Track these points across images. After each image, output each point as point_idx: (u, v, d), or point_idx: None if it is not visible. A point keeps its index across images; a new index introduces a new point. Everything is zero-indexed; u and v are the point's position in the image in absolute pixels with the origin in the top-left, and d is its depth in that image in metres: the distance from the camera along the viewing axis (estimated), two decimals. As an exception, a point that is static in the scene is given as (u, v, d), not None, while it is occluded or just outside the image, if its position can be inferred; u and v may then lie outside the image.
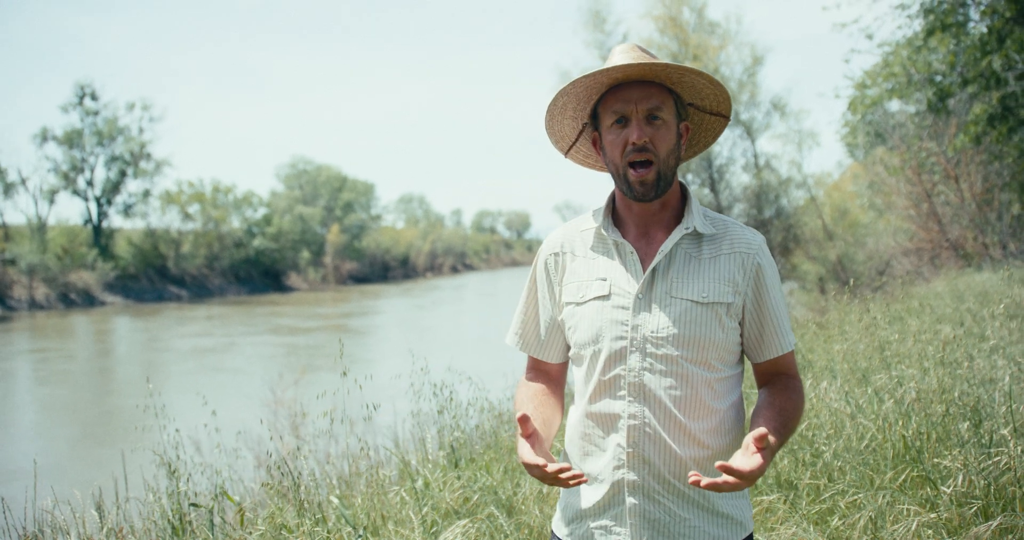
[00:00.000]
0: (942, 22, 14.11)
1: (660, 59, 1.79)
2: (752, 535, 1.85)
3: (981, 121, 13.89)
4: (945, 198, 15.57)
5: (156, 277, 44.25)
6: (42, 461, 4.09)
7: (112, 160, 45.15)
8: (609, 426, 1.80)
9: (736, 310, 1.80)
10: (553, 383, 1.99)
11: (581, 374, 1.88)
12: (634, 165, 1.78)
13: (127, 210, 46.05)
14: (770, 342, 1.83)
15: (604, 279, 1.83)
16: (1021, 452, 3.25)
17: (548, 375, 2.00)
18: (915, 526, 3.13)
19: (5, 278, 36.65)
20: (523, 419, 1.65)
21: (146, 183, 46.44)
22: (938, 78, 15.40)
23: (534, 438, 1.68)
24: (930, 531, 3.14)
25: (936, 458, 3.52)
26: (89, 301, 38.82)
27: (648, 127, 1.78)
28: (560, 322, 1.92)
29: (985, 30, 13.85)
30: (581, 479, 1.61)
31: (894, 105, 20.10)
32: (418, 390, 5.13)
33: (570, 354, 1.93)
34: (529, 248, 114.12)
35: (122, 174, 45.38)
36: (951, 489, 3.25)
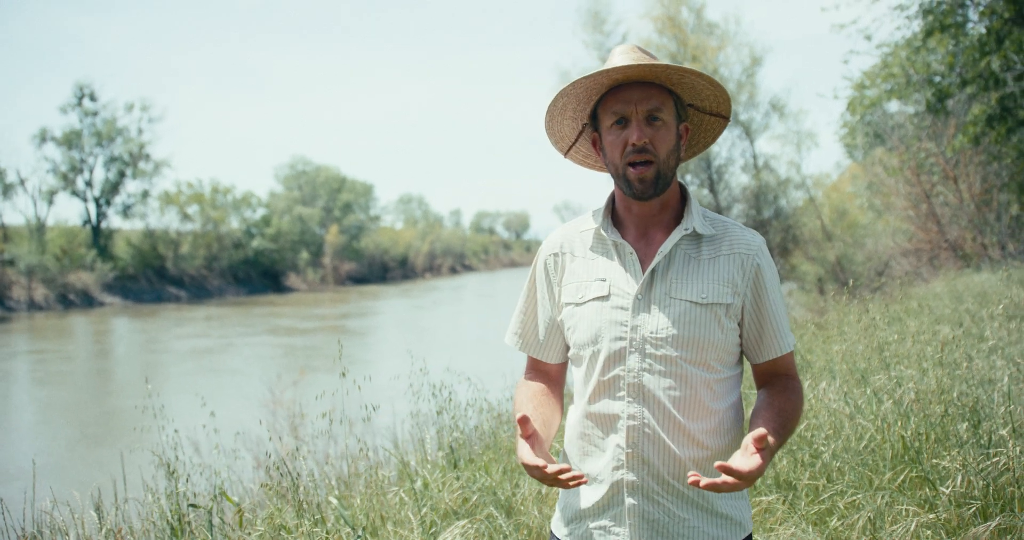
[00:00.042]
0: (941, 23, 14.11)
1: (659, 60, 1.79)
2: (751, 535, 1.85)
3: (980, 122, 13.90)
4: (944, 199, 15.59)
5: (155, 278, 44.23)
6: (41, 462, 4.09)
7: (111, 161, 45.13)
8: (608, 426, 1.80)
9: (735, 311, 1.80)
10: (552, 383, 1.99)
11: (580, 374, 1.88)
12: (634, 164, 1.79)
13: (126, 211, 46.03)
14: (769, 343, 1.84)
15: (603, 280, 1.83)
16: (1020, 453, 3.26)
17: (547, 375, 2.00)
18: (914, 527, 3.13)
19: (4, 279, 36.62)
20: (523, 420, 1.65)
21: (145, 184, 46.47)
22: (937, 79, 15.40)
23: (534, 439, 1.68)
24: (929, 532, 3.14)
25: (935, 459, 3.52)
26: (88, 302, 38.80)
27: (648, 128, 1.78)
28: (559, 322, 1.92)
29: (984, 31, 13.85)
30: (581, 480, 1.62)
31: (893, 106, 20.12)
32: (417, 391, 5.14)
33: (569, 354, 1.93)
34: (528, 249, 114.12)
35: (121, 175, 45.35)
36: (950, 490, 3.25)
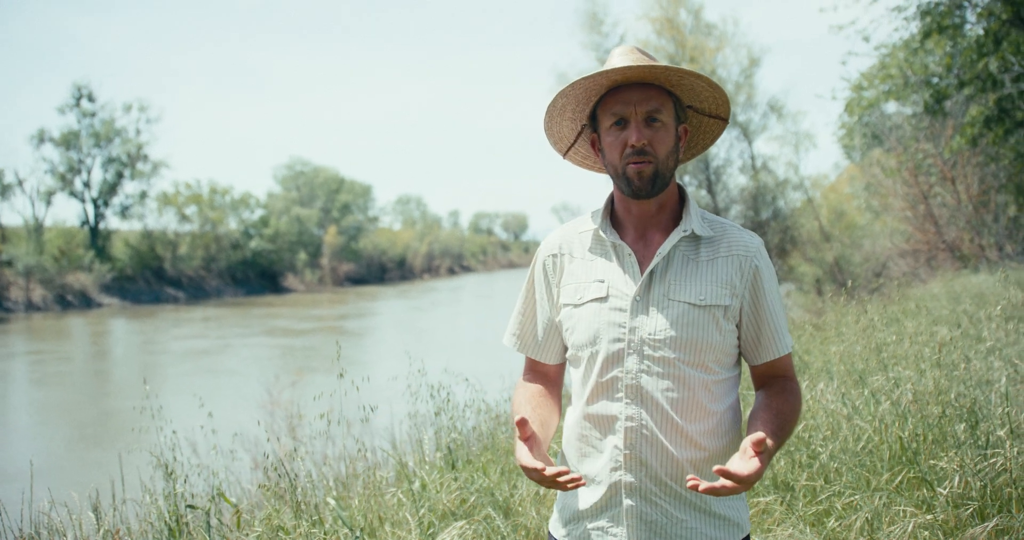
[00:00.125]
0: (939, 24, 14.13)
1: (658, 61, 1.79)
2: (749, 536, 1.85)
3: (978, 123, 13.92)
4: (942, 200, 15.60)
5: (153, 279, 44.19)
6: (39, 463, 4.09)
7: (109, 161, 45.08)
8: (606, 428, 1.80)
9: (733, 313, 1.80)
10: (551, 384, 1.99)
11: (578, 376, 1.88)
12: (633, 163, 1.79)
13: (124, 212, 45.99)
14: (767, 345, 1.84)
15: (602, 281, 1.83)
16: (1017, 453, 3.26)
17: (546, 376, 2.00)
18: (911, 527, 3.13)
19: (2, 280, 36.58)
20: (521, 422, 1.65)
21: (143, 184, 46.42)
22: (935, 80, 15.42)
23: (532, 441, 1.68)
24: (926, 532, 3.14)
25: (932, 460, 3.52)
26: (86, 303, 38.76)
27: (647, 129, 1.78)
28: (558, 323, 1.92)
29: (982, 32, 13.88)
30: (579, 482, 1.62)
31: (891, 107, 20.14)
32: (415, 392, 5.14)
33: (567, 355, 1.93)
34: (526, 250, 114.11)
35: (119, 175, 45.31)
36: (947, 490, 3.25)
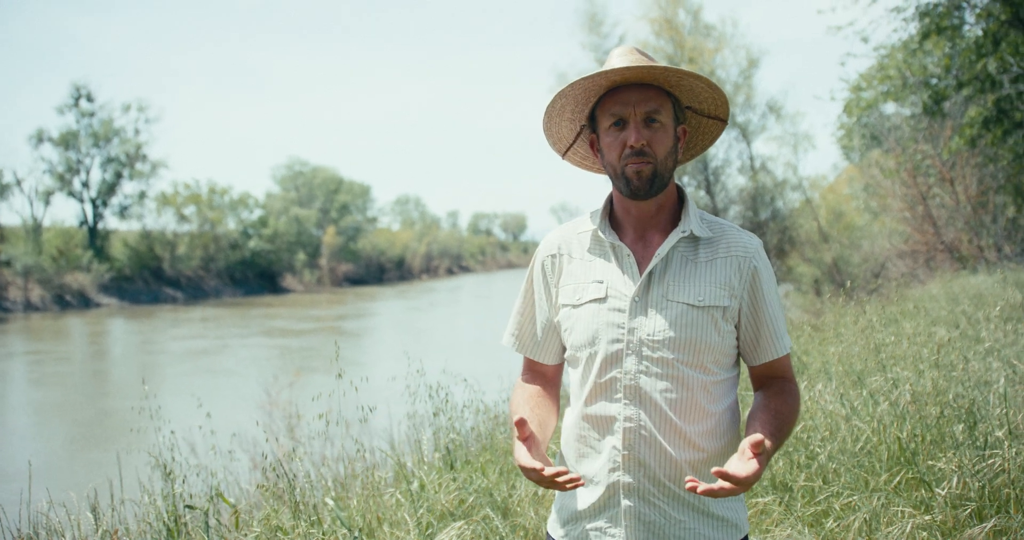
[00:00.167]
0: (937, 25, 14.15)
1: (657, 62, 1.79)
2: (747, 537, 1.85)
3: (976, 124, 13.93)
4: (940, 201, 15.60)
5: (151, 279, 44.16)
6: (37, 463, 4.08)
7: (108, 161, 45.06)
8: (605, 428, 1.80)
9: (732, 314, 1.80)
10: (549, 384, 1.99)
11: (577, 376, 1.88)
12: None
13: (122, 212, 45.97)
14: (766, 346, 1.84)
15: (601, 282, 1.83)
16: (1015, 454, 3.26)
17: (544, 376, 2.00)
18: (909, 528, 3.13)
19: (0, 280, 36.55)
20: (520, 423, 1.65)
21: (142, 184, 46.41)
22: (933, 81, 15.43)
23: (530, 441, 1.68)
24: (924, 533, 3.14)
25: (931, 460, 3.52)
26: (84, 303, 38.73)
27: (646, 130, 1.78)
28: (556, 324, 1.92)
29: (980, 33, 13.89)
30: (578, 482, 1.61)
31: (889, 108, 20.15)
32: (414, 392, 5.14)
33: (566, 356, 1.93)
34: (525, 250, 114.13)
35: (118, 175, 45.28)
36: (945, 491, 3.25)
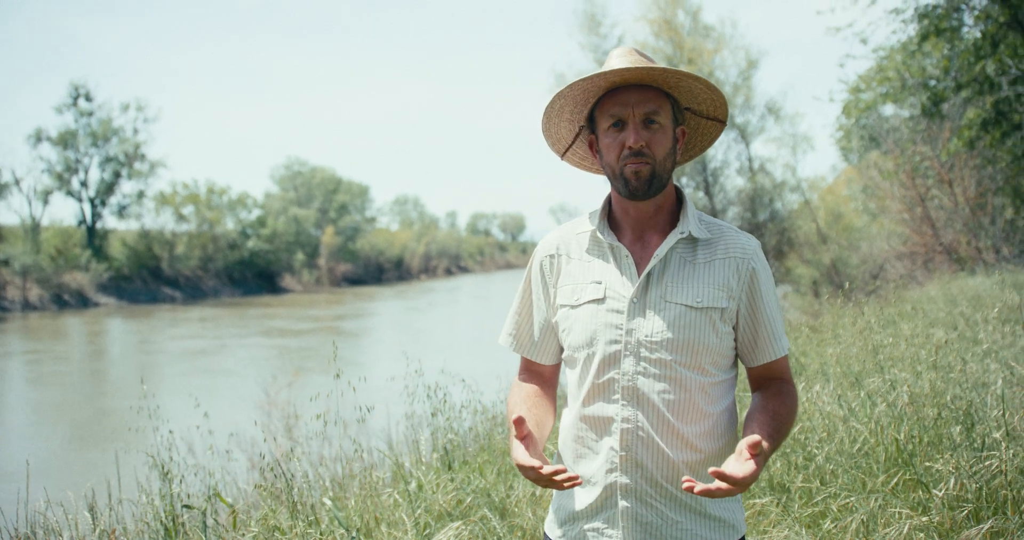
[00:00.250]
0: (936, 27, 14.17)
1: (657, 63, 1.79)
2: (744, 538, 1.85)
3: (975, 126, 13.94)
4: (939, 202, 15.59)
5: (150, 278, 44.12)
6: (35, 462, 4.08)
7: (106, 161, 45.00)
8: (602, 429, 1.80)
9: (730, 315, 1.80)
10: (546, 384, 1.99)
11: (575, 377, 1.87)
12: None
13: (121, 211, 45.91)
14: (764, 347, 1.84)
15: (599, 282, 1.83)
16: (1013, 456, 3.27)
17: (541, 376, 2.00)
18: (907, 529, 3.13)
19: (-2, 279, 36.53)
20: (518, 421, 1.65)
21: (140, 184, 46.33)
22: (932, 83, 15.45)
23: (528, 440, 1.68)
24: (921, 534, 3.15)
25: (928, 462, 3.53)
26: (83, 302, 38.69)
27: (645, 131, 1.78)
28: (554, 324, 1.92)
29: (979, 35, 13.92)
30: (576, 481, 1.62)
31: (888, 109, 20.18)
32: (412, 392, 5.14)
33: (563, 356, 1.93)
34: (524, 251, 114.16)
35: (116, 175, 45.23)
36: (943, 492, 3.26)
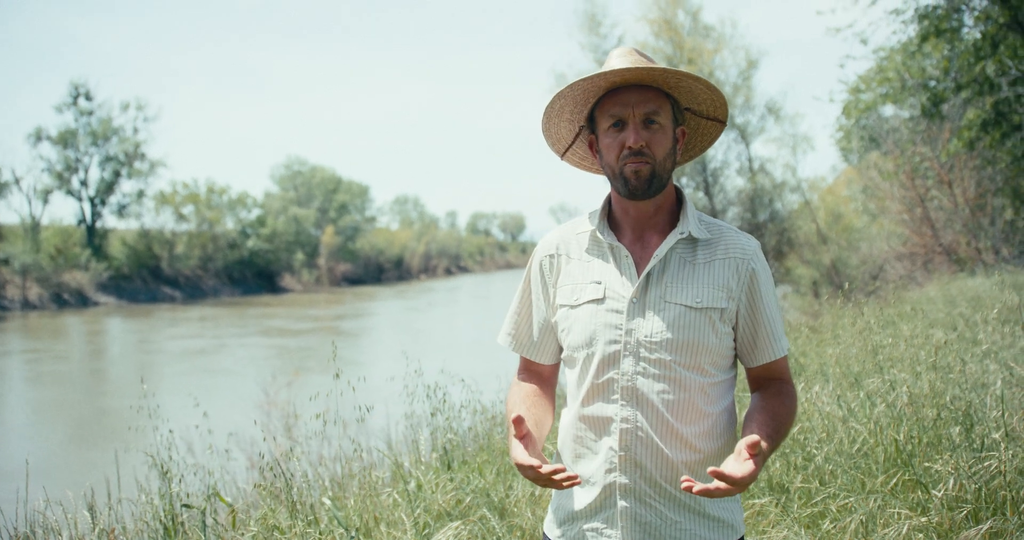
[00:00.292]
0: (936, 28, 14.17)
1: (657, 63, 1.79)
2: (743, 538, 1.85)
3: (974, 126, 13.95)
4: (938, 203, 15.60)
5: (149, 278, 44.11)
6: (34, 461, 4.08)
7: (106, 160, 45.00)
8: (601, 429, 1.80)
9: (730, 315, 1.80)
10: (545, 384, 1.99)
11: (574, 377, 1.87)
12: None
13: (121, 210, 45.90)
14: (763, 347, 1.84)
15: (599, 282, 1.83)
16: (1012, 456, 3.27)
17: (540, 376, 2.00)
18: (906, 530, 3.13)
19: (-2, 278, 36.52)
20: (518, 420, 1.65)
21: (140, 183, 46.33)
22: (932, 83, 15.46)
23: (527, 439, 1.68)
24: (920, 535, 3.15)
25: (927, 462, 3.53)
26: (82, 301, 38.68)
27: (645, 131, 1.78)
28: (553, 324, 1.92)
29: (979, 36, 13.92)
30: (575, 480, 1.62)
31: (888, 110, 20.18)
32: (411, 392, 5.13)
33: (563, 356, 1.93)
34: (523, 251, 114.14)
35: (116, 174, 45.23)
36: (942, 493, 3.26)
